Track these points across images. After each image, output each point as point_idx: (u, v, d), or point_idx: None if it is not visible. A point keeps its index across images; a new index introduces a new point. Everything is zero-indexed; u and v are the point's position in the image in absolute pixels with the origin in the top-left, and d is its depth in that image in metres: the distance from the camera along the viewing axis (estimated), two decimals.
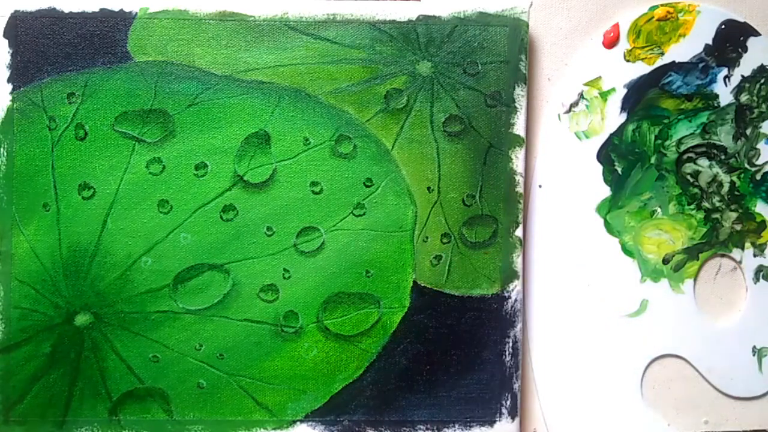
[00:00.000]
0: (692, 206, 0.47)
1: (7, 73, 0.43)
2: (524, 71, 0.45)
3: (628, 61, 0.47)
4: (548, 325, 0.46)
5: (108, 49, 0.44)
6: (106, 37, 0.44)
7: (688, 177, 0.47)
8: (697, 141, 0.47)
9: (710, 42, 0.47)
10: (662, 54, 0.47)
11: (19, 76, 0.43)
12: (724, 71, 0.47)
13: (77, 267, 0.44)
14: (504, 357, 0.45)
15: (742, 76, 0.47)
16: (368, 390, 0.45)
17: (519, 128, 0.45)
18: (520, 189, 0.45)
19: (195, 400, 0.44)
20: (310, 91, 0.44)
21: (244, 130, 0.44)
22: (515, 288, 0.45)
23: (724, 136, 0.47)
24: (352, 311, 0.45)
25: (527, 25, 0.45)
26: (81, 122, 0.44)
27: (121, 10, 0.44)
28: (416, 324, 0.45)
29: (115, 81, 0.44)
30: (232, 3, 0.44)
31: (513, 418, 0.45)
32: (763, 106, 0.47)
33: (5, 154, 0.43)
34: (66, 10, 0.44)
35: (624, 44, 0.47)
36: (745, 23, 0.47)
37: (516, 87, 0.45)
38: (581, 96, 0.46)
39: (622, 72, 0.47)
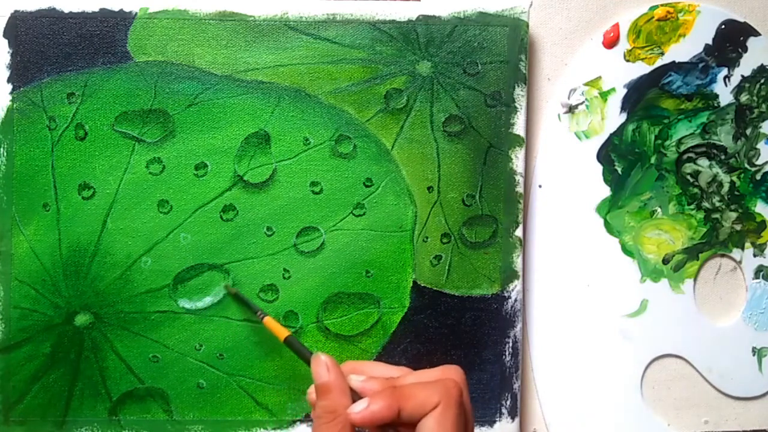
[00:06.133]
0: (692, 206, 0.47)
1: (7, 73, 0.43)
2: (524, 71, 0.45)
3: (628, 61, 0.47)
4: (548, 325, 0.46)
5: (108, 49, 0.44)
6: (106, 37, 0.44)
7: (688, 177, 0.47)
8: (697, 141, 0.47)
9: (710, 42, 0.47)
10: (662, 54, 0.47)
11: (19, 76, 0.43)
12: (724, 71, 0.47)
13: (77, 267, 0.44)
14: (504, 357, 0.45)
15: (742, 76, 0.47)
16: None
17: (519, 128, 0.45)
18: (520, 189, 0.45)
19: (195, 400, 0.44)
20: (310, 91, 0.44)
21: (244, 130, 0.44)
22: (515, 288, 0.45)
23: (724, 136, 0.47)
24: (352, 311, 0.45)
25: (527, 25, 0.45)
26: (81, 122, 0.44)
27: (121, 10, 0.44)
28: (416, 324, 0.45)
29: (115, 81, 0.44)
30: (232, 3, 0.44)
31: (513, 418, 0.45)
32: (763, 106, 0.47)
33: (5, 154, 0.43)
34: (66, 10, 0.44)
35: (624, 44, 0.47)
36: (745, 23, 0.47)
37: (516, 87, 0.45)
38: (583, 97, 0.46)
39: (622, 72, 0.47)
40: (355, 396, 0.33)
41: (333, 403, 0.32)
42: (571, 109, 0.47)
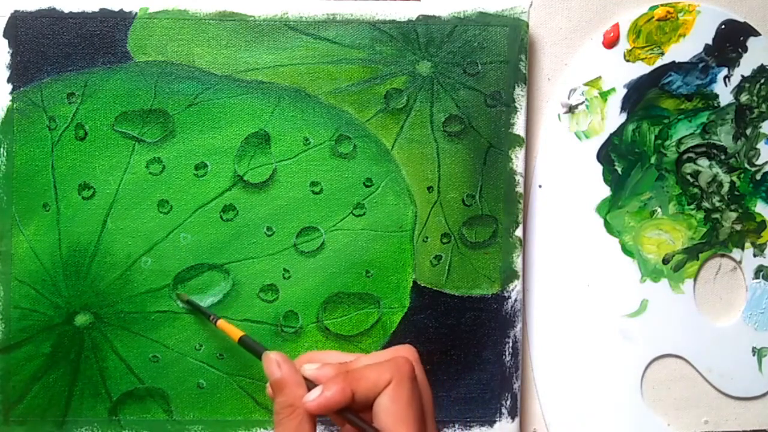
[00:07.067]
0: (692, 206, 0.47)
1: (7, 73, 0.43)
2: (524, 71, 0.45)
3: (628, 61, 0.47)
4: (548, 325, 0.46)
5: (108, 49, 0.44)
6: (106, 37, 0.44)
7: (688, 177, 0.47)
8: (697, 141, 0.47)
9: (710, 42, 0.47)
10: (662, 54, 0.47)
11: (19, 76, 0.43)
12: (724, 71, 0.47)
13: (77, 267, 0.44)
14: (504, 357, 0.45)
15: (742, 76, 0.47)
16: None
17: (519, 128, 0.45)
18: (520, 189, 0.45)
19: (195, 400, 0.44)
20: (310, 91, 0.44)
21: (244, 130, 0.44)
22: (515, 288, 0.45)
23: (724, 136, 0.47)
24: (352, 311, 0.45)
25: (527, 25, 0.45)
26: (81, 122, 0.44)
27: (121, 10, 0.44)
28: (416, 324, 0.45)
29: (115, 81, 0.44)
30: (232, 3, 0.44)
31: (513, 418, 0.45)
32: (763, 106, 0.47)
33: (5, 154, 0.43)
34: (66, 10, 0.44)
35: (624, 44, 0.47)
36: (745, 23, 0.47)
37: (516, 87, 0.45)
38: (583, 97, 0.46)
39: (622, 72, 0.47)
40: (312, 385, 0.33)
41: (289, 397, 0.32)
42: (571, 109, 0.47)
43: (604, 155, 0.47)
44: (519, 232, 0.45)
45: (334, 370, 0.33)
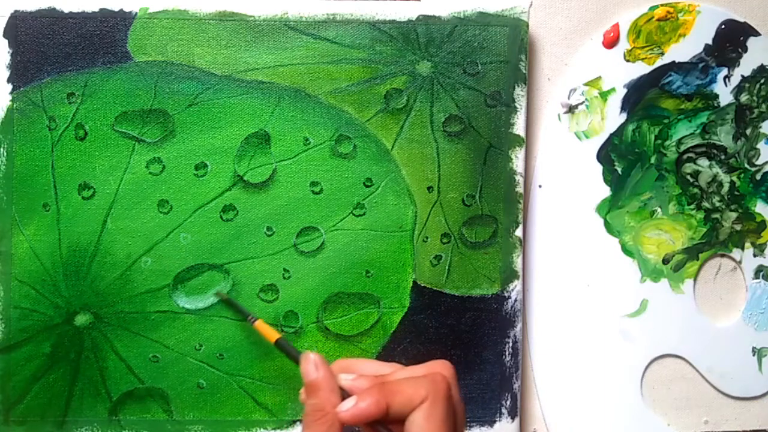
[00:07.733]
0: (692, 206, 0.47)
1: (7, 73, 0.43)
2: (524, 71, 0.45)
3: (628, 61, 0.47)
4: (548, 325, 0.46)
5: (108, 49, 0.44)
6: (106, 37, 0.44)
7: (688, 177, 0.47)
8: (697, 141, 0.47)
9: (710, 42, 0.47)
10: (662, 54, 0.47)
11: (19, 76, 0.43)
12: (724, 71, 0.47)
13: (77, 267, 0.44)
14: (504, 357, 0.45)
15: (742, 76, 0.47)
16: None
17: (519, 128, 0.45)
18: (520, 189, 0.45)
19: (195, 400, 0.44)
20: (310, 91, 0.44)
21: (244, 130, 0.44)
22: (515, 288, 0.45)
23: (724, 136, 0.47)
24: (352, 311, 0.45)
25: (527, 25, 0.45)
26: (81, 122, 0.44)
27: (121, 10, 0.44)
28: (416, 324, 0.45)
29: (115, 81, 0.44)
30: (232, 3, 0.44)
31: (513, 418, 0.45)
32: (763, 106, 0.47)
33: (5, 154, 0.43)
34: (66, 10, 0.44)
35: (624, 44, 0.47)
36: (745, 23, 0.47)
37: (516, 87, 0.45)
38: (583, 97, 0.46)
39: (622, 72, 0.47)
40: (345, 395, 0.33)
41: (321, 401, 0.32)
42: (571, 109, 0.47)
43: (604, 155, 0.47)
44: (519, 232, 0.45)
45: (370, 382, 0.33)
